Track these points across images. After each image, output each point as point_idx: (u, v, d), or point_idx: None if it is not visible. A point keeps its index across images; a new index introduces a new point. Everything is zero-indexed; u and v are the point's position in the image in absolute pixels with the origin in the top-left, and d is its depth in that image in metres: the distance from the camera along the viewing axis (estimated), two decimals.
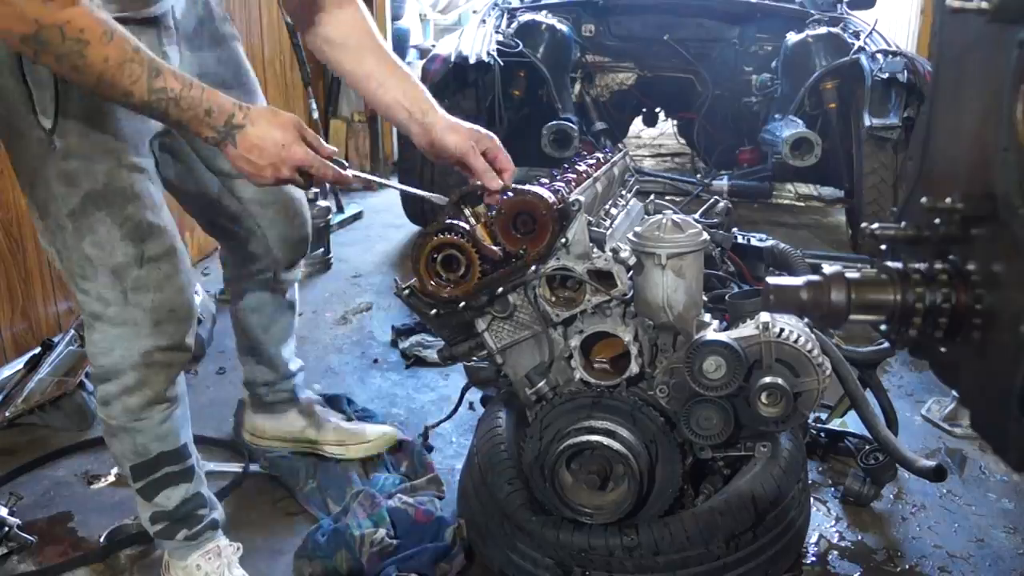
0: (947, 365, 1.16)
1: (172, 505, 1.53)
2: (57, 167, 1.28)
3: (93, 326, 1.38)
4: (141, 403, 1.43)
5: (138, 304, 1.36)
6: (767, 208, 4.64)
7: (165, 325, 1.40)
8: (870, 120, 3.33)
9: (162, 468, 1.51)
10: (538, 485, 1.54)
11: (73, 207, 1.30)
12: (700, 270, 1.53)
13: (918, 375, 2.60)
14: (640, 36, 4.31)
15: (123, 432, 1.46)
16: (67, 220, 1.31)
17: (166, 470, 1.51)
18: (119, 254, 1.33)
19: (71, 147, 1.27)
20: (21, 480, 2.03)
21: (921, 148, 1.22)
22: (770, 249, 2.31)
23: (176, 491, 1.53)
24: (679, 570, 1.47)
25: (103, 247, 1.32)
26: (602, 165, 1.98)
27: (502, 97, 3.62)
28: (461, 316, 1.53)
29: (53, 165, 1.28)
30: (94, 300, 1.36)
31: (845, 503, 1.93)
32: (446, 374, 2.63)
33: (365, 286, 3.50)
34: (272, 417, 2.05)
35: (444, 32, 7.42)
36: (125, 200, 1.33)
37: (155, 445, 1.48)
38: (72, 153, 1.27)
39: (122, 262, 1.34)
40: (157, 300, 1.38)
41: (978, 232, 1.02)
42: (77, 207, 1.30)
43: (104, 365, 1.40)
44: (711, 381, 1.40)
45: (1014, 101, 0.90)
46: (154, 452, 1.49)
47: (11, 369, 2.46)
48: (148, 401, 1.43)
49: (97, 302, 1.36)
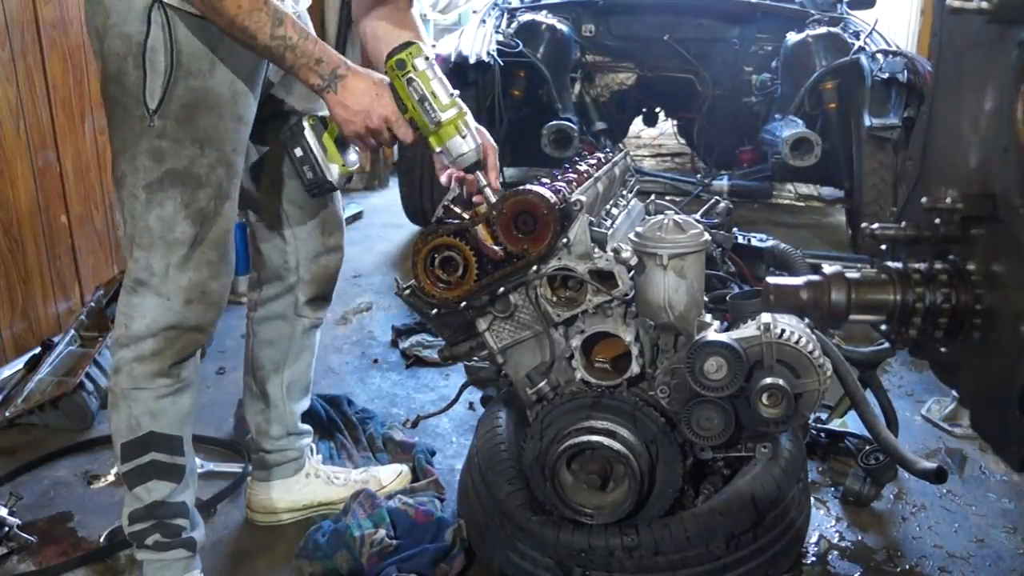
0: (947, 365, 1.16)
1: (151, 499, 1.51)
2: (150, 143, 1.40)
3: (136, 290, 1.45)
4: (146, 372, 1.47)
5: (176, 280, 1.45)
6: (767, 208, 4.64)
7: (195, 305, 1.47)
8: (870, 120, 3.33)
9: (150, 451, 1.49)
10: (538, 485, 1.54)
11: (151, 180, 1.41)
12: (701, 270, 1.53)
13: (918, 375, 2.60)
14: (640, 36, 4.31)
15: (122, 401, 1.48)
16: (142, 191, 1.41)
17: (154, 456, 1.50)
18: (178, 231, 1.43)
19: (167, 129, 1.39)
20: (21, 480, 2.03)
21: (921, 148, 1.22)
22: (770, 249, 2.32)
23: (159, 486, 1.51)
24: (679, 570, 1.47)
25: (166, 221, 1.42)
26: (603, 165, 1.98)
27: (502, 97, 3.62)
28: (462, 316, 1.53)
29: (146, 141, 1.40)
30: (142, 268, 1.44)
31: (845, 503, 1.93)
32: (446, 374, 2.63)
33: (365, 286, 3.51)
34: (278, 486, 1.88)
35: (444, 32, 7.41)
36: (198, 185, 1.43)
37: (147, 420, 1.48)
38: (166, 134, 1.39)
39: (179, 239, 1.43)
40: (194, 279, 1.46)
41: (978, 232, 1.02)
42: (155, 181, 1.41)
43: (131, 329, 1.46)
44: (712, 382, 1.40)
45: (1014, 101, 0.90)
46: (145, 429, 1.48)
47: (11, 369, 2.47)
48: (154, 371, 1.47)
49: (144, 270, 1.44)
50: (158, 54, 1.36)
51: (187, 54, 1.38)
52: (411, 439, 2.16)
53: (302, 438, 1.90)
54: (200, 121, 1.42)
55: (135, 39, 1.36)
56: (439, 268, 1.49)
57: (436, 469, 2.04)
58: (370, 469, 2.01)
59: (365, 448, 2.19)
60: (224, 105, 1.43)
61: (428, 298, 1.51)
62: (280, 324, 1.80)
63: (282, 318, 1.79)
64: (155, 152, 1.40)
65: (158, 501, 1.51)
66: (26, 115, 2.56)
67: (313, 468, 1.93)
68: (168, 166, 1.41)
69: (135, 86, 1.38)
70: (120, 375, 1.48)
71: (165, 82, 1.38)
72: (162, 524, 1.53)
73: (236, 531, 1.87)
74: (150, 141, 1.40)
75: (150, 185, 1.41)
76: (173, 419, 1.51)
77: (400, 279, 1.57)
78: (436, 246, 1.49)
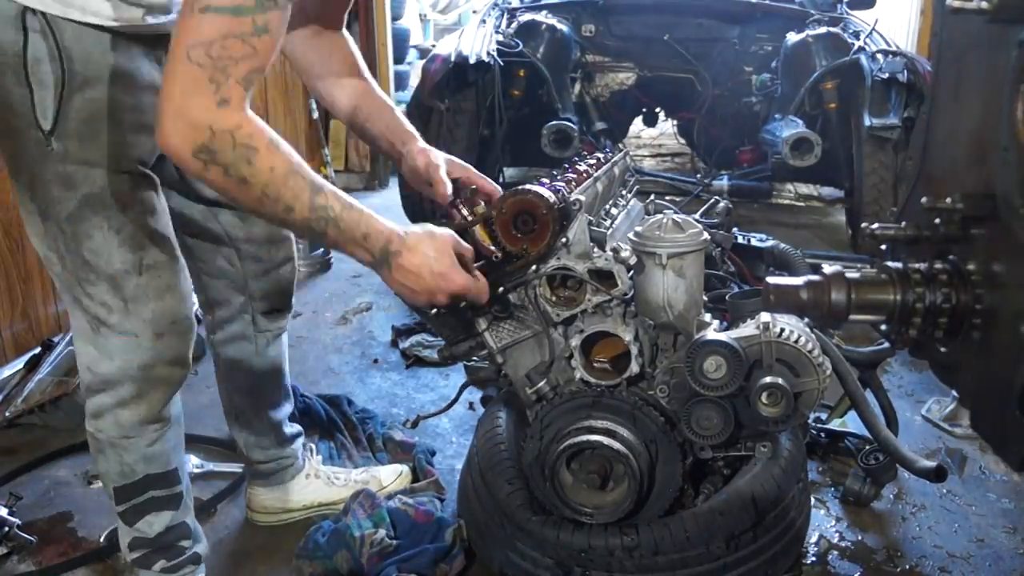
0: (947, 365, 1.16)
1: (154, 532, 1.48)
2: (55, 170, 1.24)
3: (98, 331, 1.33)
4: (134, 419, 1.39)
5: (138, 314, 1.33)
6: (767, 208, 4.64)
7: (167, 338, 1.36)
8: (870, 120, 3.32)
9: (148, 491, 1.45)
10: (538, 485, 1.54)
11: (71, 211, 1.26)
12: (700, 270, 1.53)
13: (918, 375, 2.60)
14: (640, 36, 4.30)
15: (110, 449, 1.41)
16: (65, 224, 1.27)
17: (152, 494, 1.46)
18: (116, 261, 1.30)
19: (70, 150, 1.23)
20: (21, 480, 2.04)
21: (921, 148, 1.22)
22: (770, 249, 2.31)
23: (160, 518, 1.48)
24: (679, 570, 1.47)
25: (100, 254, 1.29)
26: (602, 165, 1.98)
27: (502, 97, 3.61)
28: (462, 315, 1.53)
29: (51, 168, 1.24)
30: (98, 305, 1.32)
31: (845, 503, 1.93)
32: (446, 374, 2.63)
33: (365, 286, 3.51)
34: (278, 489, 1.86)
35: (444, 32, 7.42)
36: (124, 206, 1.29)
37: (142, 466, 1.43)
38: (71, 156, 1.23)
39: (120, 269, 1.30)
40: (158, 310, 1.34)
41: (978, 232, 1.02)
42: (74, 211, 1.26)
43: (102, 373, 1.36)
44: (711, 381, 1.40)
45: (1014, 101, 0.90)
46: (140, 474, 1.43)
47: (11, 369, 2.46)
48: (142, 418, 1.39)
49: (101, 307, 1.32)
50: (42, 64, 1.17)
51: (80, 60, 1.19)
52: (411, 439, 2.16)
53: (293, 441, 1.87)
54: (107, 135, 1.25)
55: (11, 51, 1.16)
56: None
57: (436, 469, 2.04)
58: (370, 469, 2.01)
59: (365, 448, 2.19)
60: (131, 113, 1.26)
61: None
62: (242, 344, 1.71)
63: (242, 338, 1.71)
64: (64, 179, 1.24)
65: (161, 532, 1.49)
66: None
67: (313, 468, 1.92)
68: (83, 192, 1.25)
69: (21, 105, 1.19)
70: (102, 422, 1.39)
71: (57, 96, 1.19)
72: (166, 549, 1.51)
73: (236, 531, 1.87)
74: (54, 167, 1.23)
75: (71, 217, 1.26)
76: (167, 456, 1.46)
77: None
78: None
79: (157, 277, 1.34)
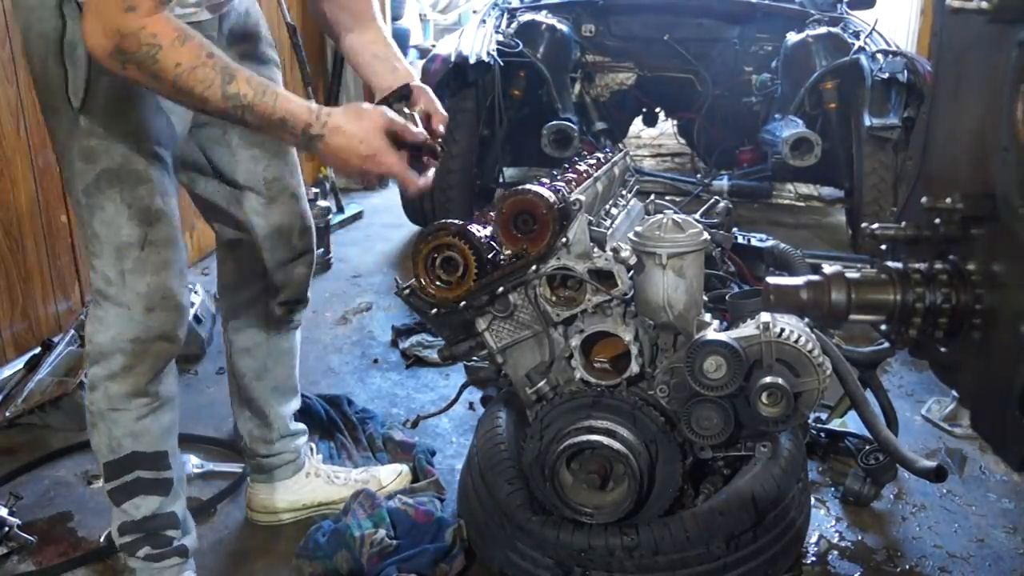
0: (947, 365, 1.16)
1: (140, 515, 1.49)
2: (80, 144, 1.34)
3: (99, 303, 1.41)
4: (121, 391, 1.43)
5: (133, 287, 1.39)
6: (767, 208, 4.64)
7: (157, 312, 1.41)
8: (870, 120, 3.32)
9: (135, 470, 1.47)
10: (538, 485, 1.54)
11: (88, 183, 1.35)
12: (700, 270, 1.53)
13: (918, 375, 2.60)
14: (640, 36, 4.30)
15: (101, 421, 1.45)
16: (82, 195, 1.36)
17: (139, 474, 1.47)
18: (124, 233, 1.37)
19: (95, 126, 1.33)
20: (21, 480, 2.04)
21: (921, 148, 1.22)
22: (770, 249, 2.31)
23: (147, 501, 1.49)
24: (679, 570, 1.47)
25: (109, 225, 1.36)
26: (602, 165, 1.98)
27: (502, 97, 3.61)
28: (462, 315, 1.53)
29: (78, 141, 1.34)
30: (100, 278, 1.40)
31: (845, 503, 1.93)
32: (446, 374, 2.63)
33: (365, 286, 3.50)
34: (279, 487, 1.87)
35: (444, 32, 7.41)
36: (137, 182, 1.37)
37: (129, 441, 1.46)
38: (95, 132, 1.33)
39: (126, 241, 1.37)
40: (152, 284, 1.40)
41: (978, 232, 1.02)
42: (91, 183, 1.35)
43: (98, 343, 1.42)
44: (711, 381, 1.40)
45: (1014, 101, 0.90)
46: (128, 449, 1.46)
47: (11, 369, 2.46)
48: (129, 391, 1.43)
49: (102, 280, 1.40)
50: (76, 48, 1.29)
51: None
52: (411, 439, 2.16)
53: (297, 438, 1.89)
54: (130, 115, 1.35)
55: (52, 36, 1.30)
56: (439, 268, 1.49)
57: (436, 469, 2.04)
58: (370, 469, 2.01)
59: (365, 448, 2.19)
60: (151, 96, 1.34)
61: (428, 298, 1.51)
62: (255, 332, 1.75)
63: (256, 326, 1.75)
64: (86, 153, 1.34)
65: (147, 516, 1.50)
66: (26, 115, 2.56)
67: (313, 468, 1.92)
68: (102, 166, 1.35)
69: (59, 85, 1.32)
70: (96, 394, 1.44)
71: (86, 76, 1.30)
72: (152, 536, 1.52)
73: (236, 531, 1.87)
74: (80, 142, 1.34)
75: (87, 188, 1.36)
76: (156, 436, 1.48)
77: (400, 279, 1.57)
78: (436, 246, 1.49)
79: (157, 253, 1.40)
